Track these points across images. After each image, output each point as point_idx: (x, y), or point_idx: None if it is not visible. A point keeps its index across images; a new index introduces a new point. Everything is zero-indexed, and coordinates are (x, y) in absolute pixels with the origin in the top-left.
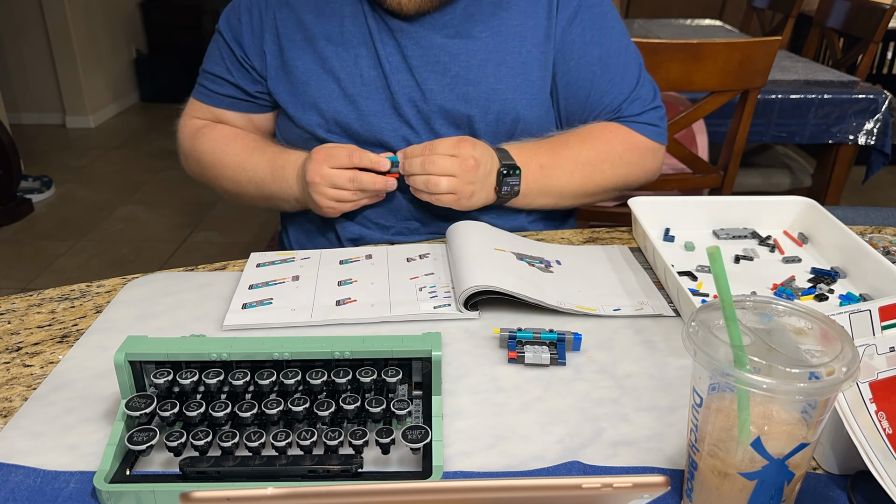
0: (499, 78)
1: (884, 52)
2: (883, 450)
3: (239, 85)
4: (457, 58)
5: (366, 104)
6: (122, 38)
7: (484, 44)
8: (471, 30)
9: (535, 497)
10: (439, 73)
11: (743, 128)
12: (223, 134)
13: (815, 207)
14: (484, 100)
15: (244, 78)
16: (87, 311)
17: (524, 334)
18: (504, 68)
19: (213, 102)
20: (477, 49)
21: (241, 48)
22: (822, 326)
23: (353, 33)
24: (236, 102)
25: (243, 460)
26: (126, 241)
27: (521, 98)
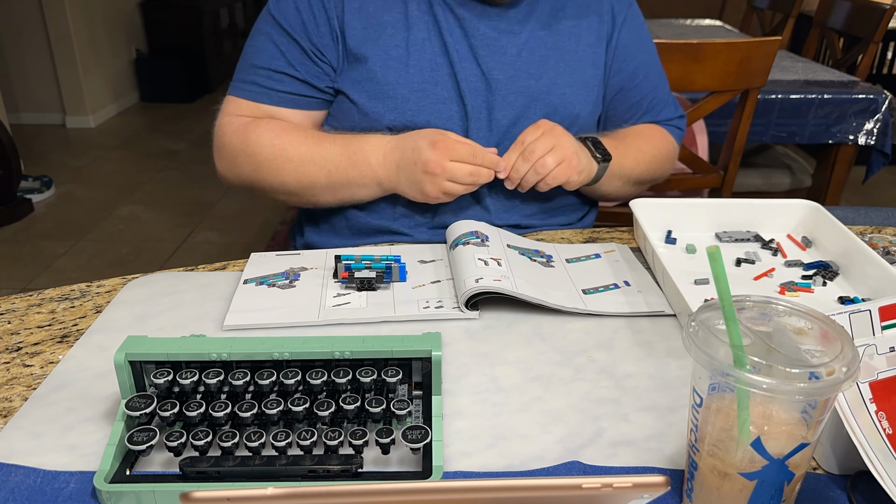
0: (558, 73)
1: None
2: (883, 450)
3: (306, 80)
4: (520, 51)
5: (434, 91)
6: (122, 38)
7: (543, 41)
8: (530, 27)
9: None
10: (506, 65)
11: (743, 128)
12: (281, 127)
13: (820, 211)
14: (545, 94)
15: (313, 71)
16: (87, 311)
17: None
18: (562, 65)
19: (271, 101)
20: (537, 45)
21: (308, 40)
22: (822, 326)
23: (419, 19)
24: (299, 99)
25: (243, 460)
26: (126, 241)
27: (577, 94)
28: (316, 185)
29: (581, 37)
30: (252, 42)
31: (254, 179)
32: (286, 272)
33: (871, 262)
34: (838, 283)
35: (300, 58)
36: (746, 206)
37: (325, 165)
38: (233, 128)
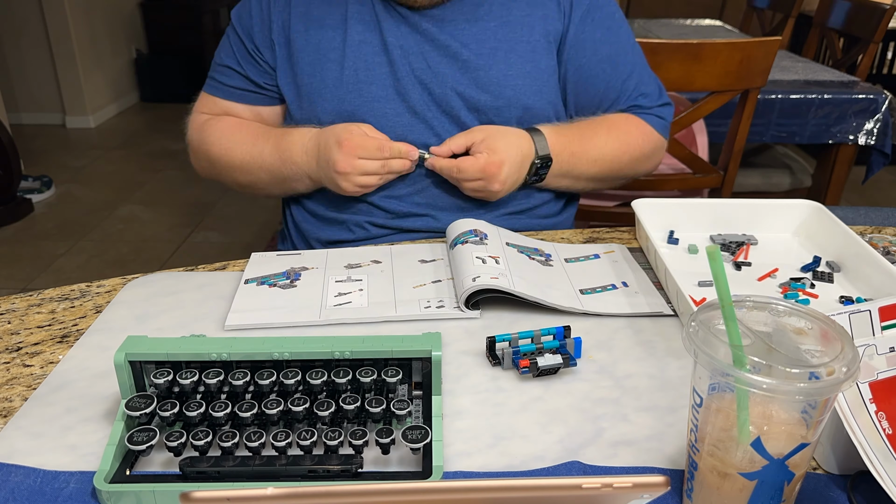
0: (509, 65)
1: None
2: (883, 450)
3: (248, 76)
4: (467, 44)
5: (369, 90)
6: (122, 38)
7: (493, 32)
8: (479, 17)
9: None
10: (451, 58)
11: (743, 128)
12: (228, 125)
13: (822, 211)
14: (495, 85)
15: (253, 69)
16: (87, 311)
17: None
18: (513, 56)
19: (223, 95)
20: (486, 37)
21: (251, 39)
22: (822, 326)
23: (358, 20)
24: (245, 94)
25: (243, 460)
26: (126, 241)
27: (530, 85)
28: (259, 182)
29: (535, 26)
30: (221, 41)
31: (213, 174)
32: (287, 272)
33: (874, 262)
34: (840, 283)
35: (245, 55)
36: (749, 207)
37: (262, 165)
38: (194, 125)
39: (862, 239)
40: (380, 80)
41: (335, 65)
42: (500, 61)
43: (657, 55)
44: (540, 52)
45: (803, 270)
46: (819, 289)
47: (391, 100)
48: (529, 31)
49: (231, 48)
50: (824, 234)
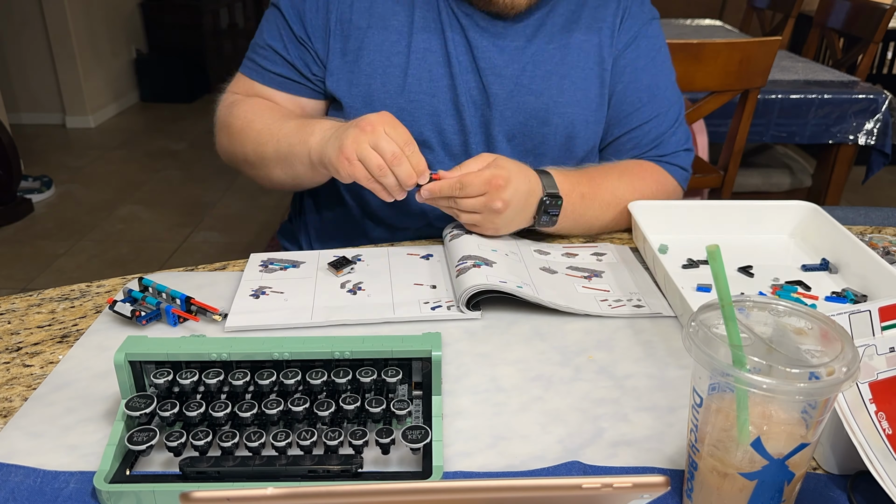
0: (561, 91)
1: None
2: (883, 450)
3: (293, 63)
4: (524, 67)
5: (431, 103)
6: (122, 38)
7: (551, 55)
8: (540, 39)
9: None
10: (506, 79)
11: (743, 128)
12: (260, 104)
13: (818, 212)
14: (544, 112)
15: (301, 57)
16: (87, 311)
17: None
18: (567, 82)
19: (263, 80)
20: (543, 60)
21: (301, 25)
22: (822, 326)
23: (424, 28)
24: (286, 83)
25: (243, 460)
26: (126, 241)
27: (579, 113)
28: (266, 156)
29: (590, 52)
30: (263, 21)
31: (229, 152)
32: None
33: (871, 262)
34: (836, 282)
35: (293, 41)
36: (745, 208)
37: (276, 136)
38: (225, 103)
39: (861, 239)
40: (442, 93)
41: (399, 70)
42: (553, 87)
43: None
44: (592, 80)
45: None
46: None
47: (450, 115)
48: (585, 58)
49: (277, 30)
50: (820, 234)
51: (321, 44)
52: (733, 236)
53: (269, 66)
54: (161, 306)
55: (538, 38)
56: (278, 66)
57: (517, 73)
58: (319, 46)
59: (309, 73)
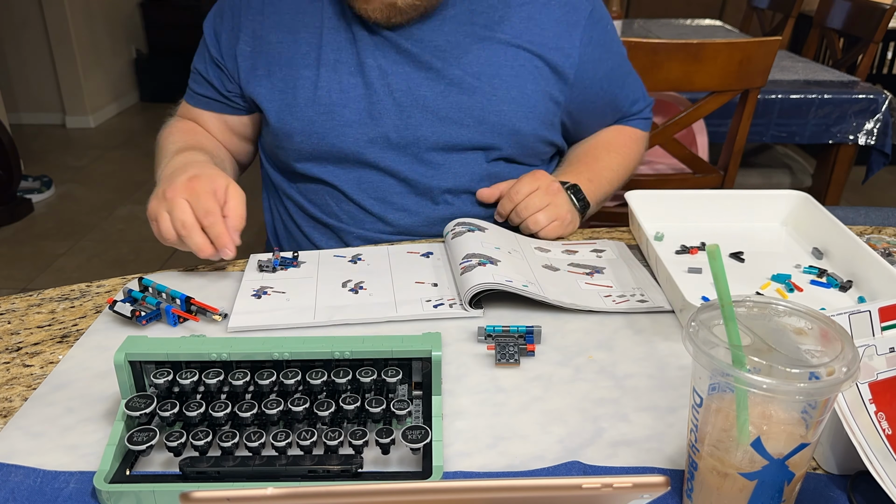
0: (493, 89)
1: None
2: (882, 450)
3: (213, 84)
4: (448, 67)
5: (342, 113)
6: (122, 38)
7: (477, 55)
8: (463, 40)
9: (535, 497)
10: (433, 81)
11: (743, 128)
12: (180, 126)
13: (809, 201)
14: (479, 110)
15: (217, 77)
16: (87, 311)
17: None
18: (497, 80)
19: (193, 102)
20: (470, 60)
21: (217, 47)
22: (822, 326)
23: (333, 38)
24: (210, 102)
25: (243, 460)
26: (126, 241)
27: (516, 110)
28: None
29: (520, 49)
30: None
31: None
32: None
33: (860, 251)
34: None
35: (211, 63)
36: (738, 197)
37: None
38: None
39: (849, 229)
40: (353, 102)
41: (309, 83)
42: (485, 85)
43: (657, 55)
44: (525, 76)
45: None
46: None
47: (364, 124)
48: (514, 55)
49: (201, 53)
50: (812, 223)
51: (232, 63)
52: (726, 224)
53: (195, 88)
54: (161, 306)
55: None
56: (202, 87)
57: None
58: (231, 66)
59: (225, 90)
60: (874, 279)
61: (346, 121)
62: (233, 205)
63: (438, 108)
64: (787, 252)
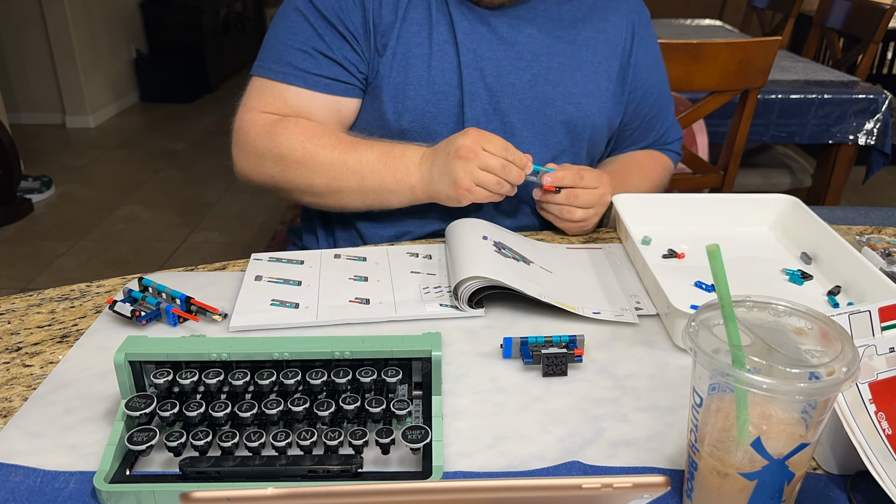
0: (575, 82)
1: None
2: (882, 450)
3: (343, 64)
4: (538, 58)
5: (454, 93)
6: (122, 38)
7: (562, 48)
8: (551, 32)
9: (535, 497)
10: (522, 69)
11: (743, 128)
12: (311, 129)
13: (798, 205)
14: (561, 101)
15: (349, 56)
16: (87, 311)
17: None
18: (580, 74)
19: (306, 83)
20: (557, 52)
21: (343, 25)
22: (822, 326)
23: (439, 20)
24: (333, 84)
25: (243, 460)
26: (126, 241)
27: (593, 105)
28: (346, 188)
29: (599, 49)
30: (285, 23)
31: (279, 180)
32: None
33: (847, 254)
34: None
35: (338, 41)
36: (726, 201)
37: (359, 170)
38: (257, 127)
39: (860, 240)
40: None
41: (423, 62)
42: (568, 78)
43: None
44: (602, 74)
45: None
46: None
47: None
48: (594, 54)
49: (315, 31)
50: (800, 227)
51: (364, 41)
52: (714, 228)
53: (312, 69)
54: (161, 306)
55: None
56: (323, 67)
57: (531, 62)
58: (363, 43)
59: (356, 70)
60: (863, 283)
61: (458, 100)
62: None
63: (524, 95)
64: (776, 256)
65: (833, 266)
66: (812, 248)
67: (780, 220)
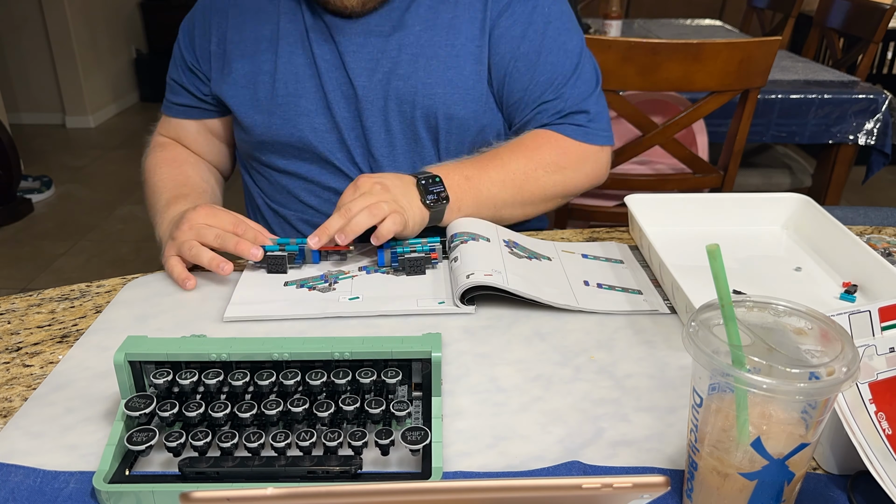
0: (428, 72)
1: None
2: (882, 450)
3: (188, 89)
4: (388, 54)
5: (299, 103)
6: (122, 38)
7: (416, 37)
8: (406, 24)
9: (535, 497)
10: (371, 70)
11: (743, 128)
12: (163, 158)
13: (811, 204)
14: (411, 94)
15: (193, 83)
16: (87, 311)
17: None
18: (434, 62)
19: (172, 113)
20: (409, 43)
21: (192, 51)
22: (822, 326)
23: (289, 32)
24: (189, 110)
25: (242, 461)
26: (126, 241)
27: (451, 93)
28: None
29: (461, 29)
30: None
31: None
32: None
33: (865, 255)
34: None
35: (186, 70)
36: (738, 200)
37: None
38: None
39: (860, 240)
40: (309, 93)
41: (268, 77)
42: (420, 69)
43: (657, 55)
44: (465, 57)
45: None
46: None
47: (321, 113)
48: (455, 35)
49: (175, 63)
50: (812, 226)
51: (206, 65)
52: (727, 227)
53: (173, 99)
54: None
55: (403, 21)
56: (179, 97)
57: (380, 60)
58: (205, 68)
59: (201, 94)
60: (878, 282)
61: (305, 110)
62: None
63: (376, 97)
64: (788, 255)
65: (847, 264)
66: (824, 246)
67: (793, 218)
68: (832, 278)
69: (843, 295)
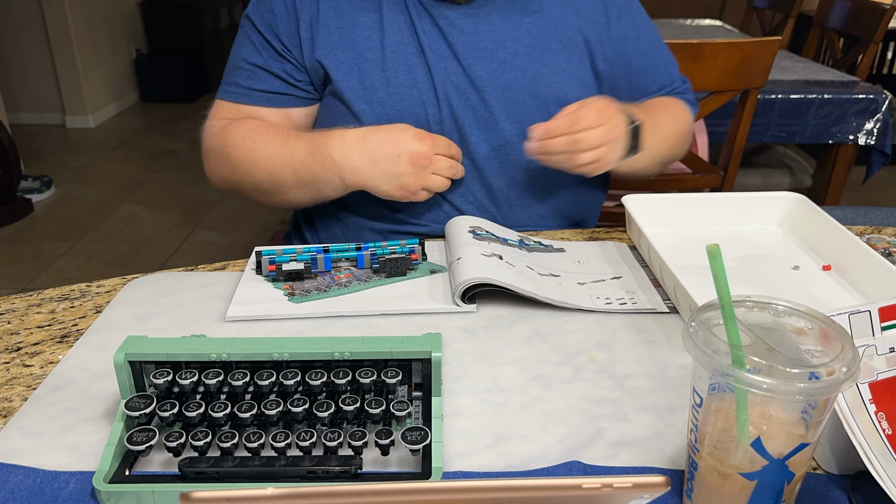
0: (544, 63)
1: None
2: (882, 450)
3: (278, 75)
4: (502, 44)
5: (411, 94)
6: (122, 38)
7: (527, 30)
8: (512, 16)
9: (535, 497)
10: (486, 60)
11: (743, 128)
12: (255, 127)
13: (806, 203)
14: (532, 85)
15: (284, 68)
16: (87, 311)
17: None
18: (548, 53)
19: (250, 100)
20: (521, 35)
21: (277, 38)
22: (822, 326)
23: (394, 21)
24: (275, 97)
25: (242, 461)
26: (126, 241)
27: (567, 81)
28: (284, 183)
29: (567, 22)
30: (235, 43)
31: (232, 181)
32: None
33: (861, 252)
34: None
35: (274, 55)
36: (734, 200)
37: (290, 163)
38: (213, 131)
39: (852, 234)
40: (421, 83)
41: (376, 66)
42: (536, 60)
43: None
44: (573, 48)
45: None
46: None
47: (432, 105)
48: (561, 28)
49: (255, 48)
50: (809, 225)
51: (297, 51)
52: (723, 227)
53: (254, 85)
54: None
55: (509, 14)
56: (263, 83)
57: (496, 51)
58: (297, 54)
59: (294, 81)
60: (875, 280)
61: (417, 101)
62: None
63: (493, 86)
64: (785, 254)
65: (844, 263)
66: (821, 245)
67: (789, 217)
68: (830, 276)
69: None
